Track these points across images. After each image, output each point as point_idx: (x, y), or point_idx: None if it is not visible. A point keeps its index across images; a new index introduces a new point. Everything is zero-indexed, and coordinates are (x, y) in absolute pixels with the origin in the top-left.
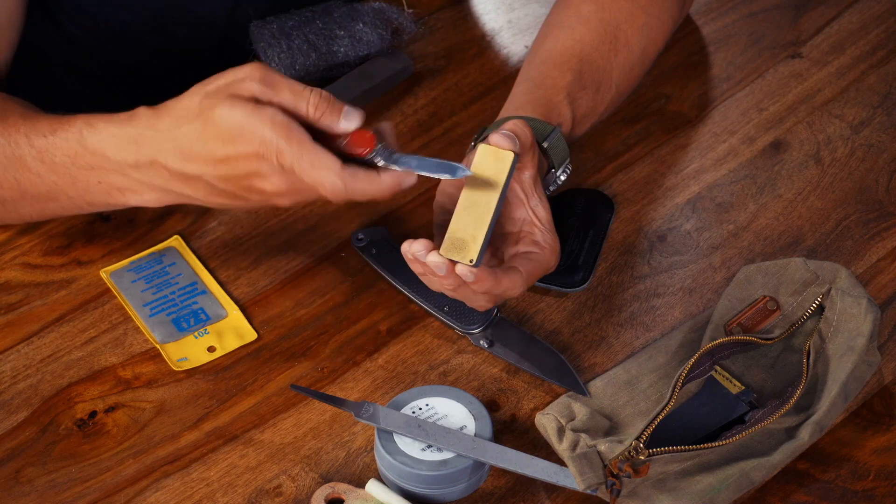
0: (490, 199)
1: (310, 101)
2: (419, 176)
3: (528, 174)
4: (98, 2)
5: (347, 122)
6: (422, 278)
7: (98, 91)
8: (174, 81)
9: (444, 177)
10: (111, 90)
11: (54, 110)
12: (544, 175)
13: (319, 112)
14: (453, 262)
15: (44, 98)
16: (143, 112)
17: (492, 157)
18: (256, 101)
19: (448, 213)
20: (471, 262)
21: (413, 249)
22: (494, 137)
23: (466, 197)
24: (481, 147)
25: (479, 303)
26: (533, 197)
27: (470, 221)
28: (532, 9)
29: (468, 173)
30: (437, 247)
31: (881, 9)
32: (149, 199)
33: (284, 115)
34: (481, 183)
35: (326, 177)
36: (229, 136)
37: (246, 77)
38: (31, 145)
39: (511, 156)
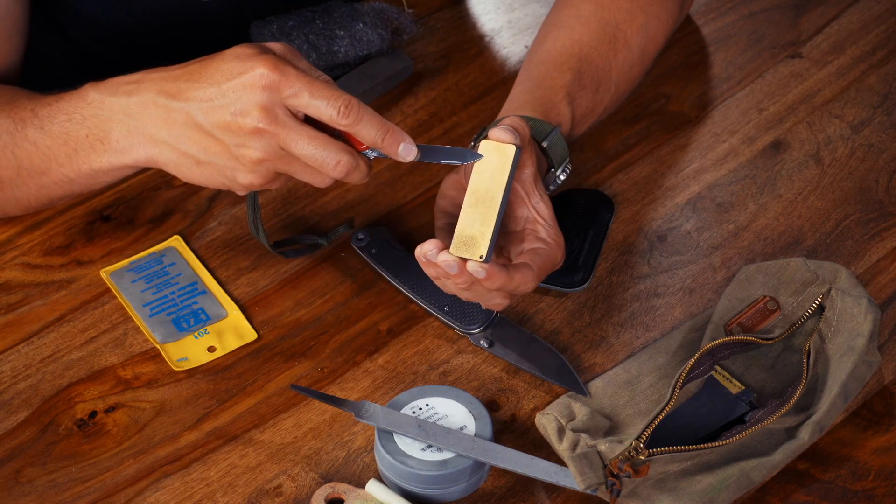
0: (495, 194)
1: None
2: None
3: (527, 172)
4: (100, 6)
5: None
6: (436, 282)
7: None
8: None
9: (453, 162)
10: None
11: None
12: (544, 174)
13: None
14: (464, 260)
15: None
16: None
17: (494, 153)
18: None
19: (449, 217)
20: (481, 257)
21: (424, 250)
22: (495, 132)
23: (472, 194)
24: (483, 143)
25: (495, 301)
26: (534, 195)
27: (477, 218)
28: (532, 9)
29: (478, 157)
30: (446, 246)
31: (881, 9)
32: (124, 146)
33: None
34: (486, 178)
35: (341, 95)
36: (236, 86)
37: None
38: (34, 115)
39: (513, 149)
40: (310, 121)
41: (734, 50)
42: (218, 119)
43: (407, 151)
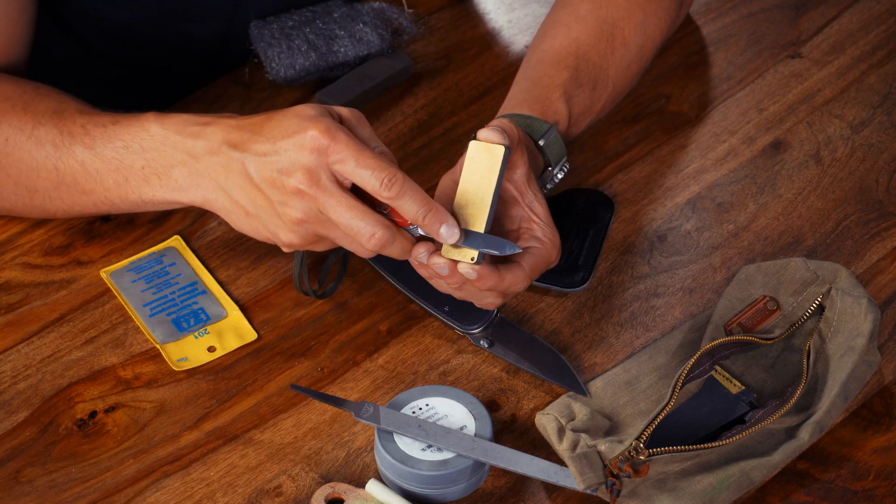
0: (485, 195)
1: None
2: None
3: (519, 172)
4: (104, 1)
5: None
6: (429, 281)
7: (101, 90)
8: (177, 78)
9: (493, 252)
10: (114, 89)
11: None
12: (541, 173)
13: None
14: (455, 262)
15: None
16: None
17: (483, 153)
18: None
19: None
20: (472, 259)
21: (415, 254)
22: (483, 133)
23: (462, 195)
24: (472, 144)
25: (487, 300)
26: (528, 194)
27: (467, 220)
28: (532, 9)
29: (517, 250)
30: (438, 249)
31: (881, 9)
32: (182, 186)
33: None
34: (475, 180)
35: (387, 167)
36: (288, 145)
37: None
38: (86, 134)
39: (502, 149)
40: (360, 192)
41: (734, 50)
42: (266, 174)
43: (449, 233)
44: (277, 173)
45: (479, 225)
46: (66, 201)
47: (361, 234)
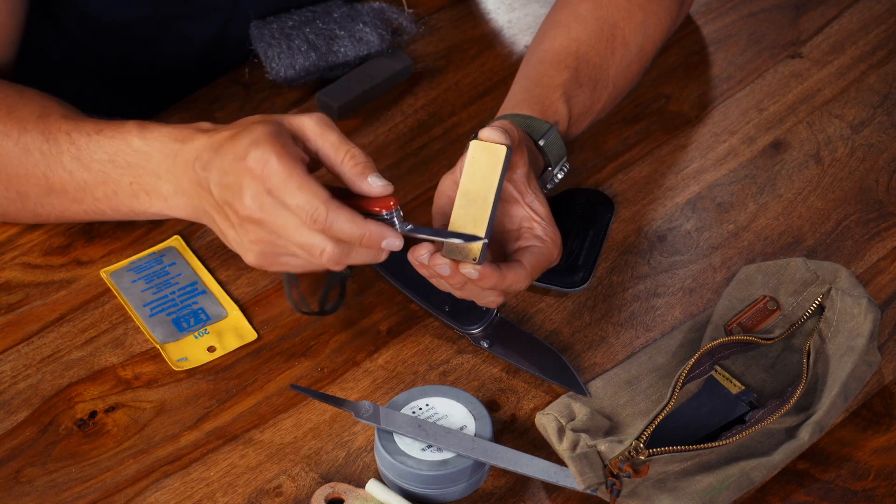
0: (487, 195)
1: (347, 154)
2: (418, 238)
3: (519, 172)
4: (99, 1)
5: (373, 182)
6: (430, 280)
7: (97, 90)
8: (175, 79)
9: (457, 241)
10: (111, 89)
11: None
12: (541, 173)
13: (352, 165)
14: (457, 262)
15: None
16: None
17: (484, 153)
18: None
19: (447, 216)
20: (474, 260)
21: (417, 255)
22: (485, 132)
23: (463, 195)
24: (473, 143)
25: (488, 299)
26: (528, 194)
27: (469, 220)
28: (532, 9)
29: (484, 240)
30: (439, 249)
31: (881, 9)
32: (172, 204)
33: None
34: (477, 179)
35: (311, 201)
36: (238, 169)
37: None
38: (71, 142)
39: (503, 149)
40: (348, 197)
41: (734, 50)
42: (224, 197)
43: (392, 244)
44: (231, 197)
45: (482, 225)
46: (58, 207)
47: (313, 250)
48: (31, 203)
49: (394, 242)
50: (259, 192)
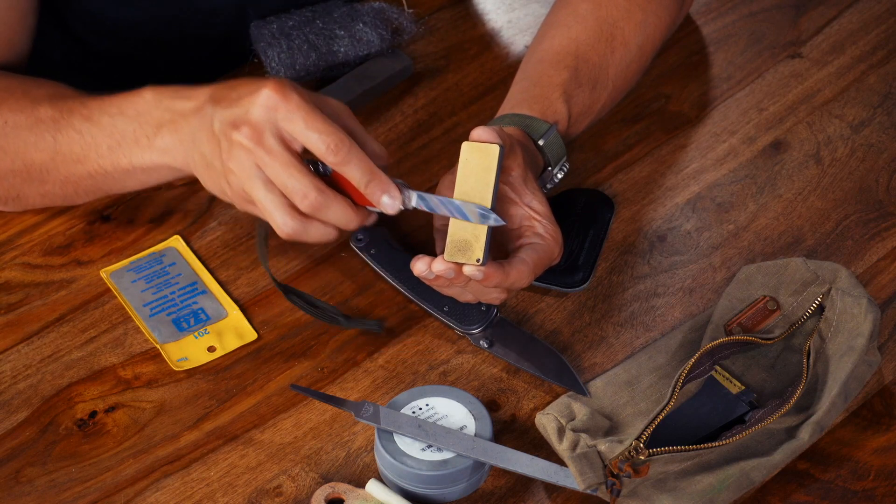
0: (484, 196)
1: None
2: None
3: (515, 174)
4: (104, 1)
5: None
6: (433, 286)
7: (101, 90)
8: (180, 80)
9: (461, 217)
10: (115, 89)
11: None
12: (541, 173)
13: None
14: (459, 265)
15: None
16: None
17: (477, 154)
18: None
19: (447, 217)
20: (478, 261)
21: (418, 269)
22: (476, 132)
23: (459, 197)
24: (465, 145)
25: (491, 296)
26: (525, 194)
27: (468, 221)
28: (532, 9)
29: (493, 218)
30: (439, 251)
31: (881, 9)
32: (171, 153)
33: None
34: (472, 180)
35: (323, 137)
36: (245, 100)
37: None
38: (83, 105)
39: (496, 148)
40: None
41: (734, 50)
42: (220, 126)
43: (391, 203)
44: (229, 126)
45: (482, 226)
46: (62, 173)
47: (295, 193)
48: (36, 171)
49: (394, 204)
50: (266, 121)
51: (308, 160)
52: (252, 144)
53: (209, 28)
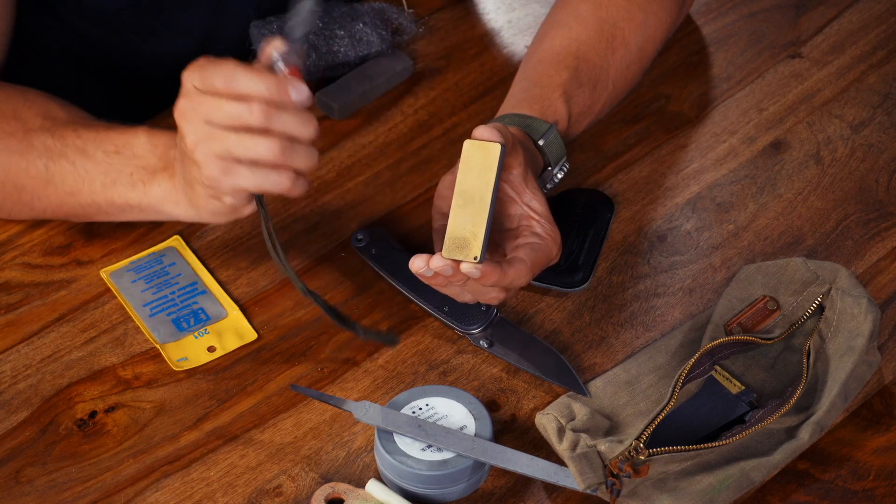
0: (484, 194)
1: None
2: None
3: (515, 173)
4: None
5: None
6: (431, 285)
7: (92, 78)
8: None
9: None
10: (105, 77)
11: None
12: (541, 173)
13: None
14: (457, 262)
15: (39, 88)
16: None
17: (479, 152)
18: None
19: (446, 217)
20: (475, 259)
21: (416, 266)
22: (478, 131)
23: (460, 195)
24: (467, 143)
25: (490, 296)
26: (525, 193)
27: (467, 219)
28: (532, 9)
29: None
30: (438, 251)
31: (881, 9)
32: (163, 203)
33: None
34: (473, 179)
35: (237, 101)
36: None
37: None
38: (77, 136)
39: (498, 147)
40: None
41: (734, 50)
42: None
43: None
44: (178, 115)
45: (480, 224)
46: (53, 201)
47: (242, 113)
48: (27, 195)
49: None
50: (189, 80)
51: None
52: (186, 103)
53: (193, 19)
